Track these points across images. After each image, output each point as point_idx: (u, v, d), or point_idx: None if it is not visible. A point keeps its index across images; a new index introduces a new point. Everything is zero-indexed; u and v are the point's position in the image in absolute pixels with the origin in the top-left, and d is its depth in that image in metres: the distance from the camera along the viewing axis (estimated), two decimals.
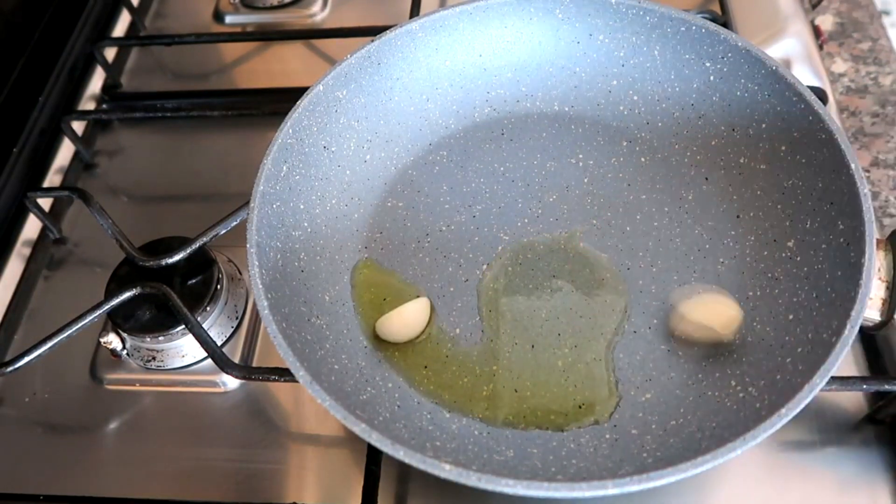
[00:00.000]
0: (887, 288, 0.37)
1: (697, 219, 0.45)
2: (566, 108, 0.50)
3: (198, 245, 0.45)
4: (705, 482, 0.40)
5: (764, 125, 0.43)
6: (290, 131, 0.42)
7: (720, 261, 0.43)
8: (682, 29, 0.45)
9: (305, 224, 0.43)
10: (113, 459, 0.44)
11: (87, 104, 0.64)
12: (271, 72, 0.64)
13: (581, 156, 0.49)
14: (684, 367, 0.40)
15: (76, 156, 0.60)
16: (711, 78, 0.45)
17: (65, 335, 0.43)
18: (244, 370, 0.41)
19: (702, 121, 0.47)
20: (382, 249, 0.46)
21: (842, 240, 0.37)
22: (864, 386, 0.39)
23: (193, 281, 0.47)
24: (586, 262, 0.44)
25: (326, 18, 0.68)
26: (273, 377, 0.40)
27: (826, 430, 0.41)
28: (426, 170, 0.49)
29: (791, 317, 0.38)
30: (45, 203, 0.56)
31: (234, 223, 0.45)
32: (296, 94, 0.44)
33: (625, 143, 0.49)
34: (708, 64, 0.45)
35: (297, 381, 0.33)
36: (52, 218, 0.55)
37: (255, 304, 0.47)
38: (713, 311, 0.40)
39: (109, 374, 0.47)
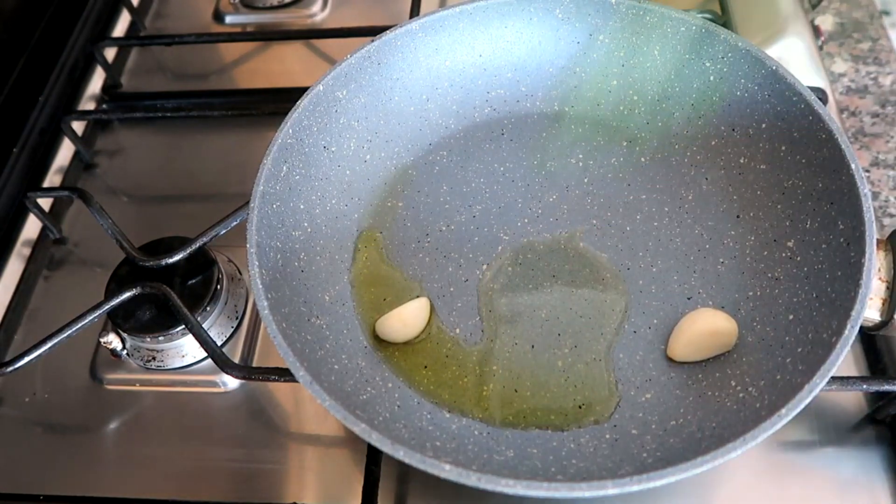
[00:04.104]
0: (887, 288, 0.37)
1: (697, 219, 0.45)
2: (566, 108, 0.50)
3: (198, 245, 0.45)
4: (705, 482, 0.40)
5: (764, 125, 0.43)
6: (290, 131, 0.42)
7: (720, 261, 0.43)
8: (682, 29, 0.45)
9: (305, 224, 0.43)
10: (113, 459, 0.44)
11: (87, 104, 0.64)
12: (271, 72, 0.64)
13: (581, 156, 0.49)
14: (684, 367, 0.40)
15: (76, 156, 0.60)
16: (711, 78, 0.45)
17: (65, 335, 0.43)
18: (244, 370, 0.41)
19: (702, 121, 0.47)
20: (382, 249, 0.46)
21: (842, 240, 0.37)
22: (864, 386, 0.39)
23: (193, 281, 0.47)
24: (586, 261, 0.44)
25: (326, 18, 0.68)
26: (273, 377, 0.40)
27: (826, 430, 0.41)
28: (426, 170, 0.49)
29: (791, 317, 0.38)
30: (45, 203, 0.56)
31: (234, 223, 0.45)
32: (296, 94, 0.44)
33: (625, 143, 0.49)
34: (708, 64, 0.45)
35: (297, 381, 0.33)
36: (52, 218, 0.55)
37: (255, 304, 0.47)
38: (709, 332, 0.39)
39: (109, 374, 0.47)
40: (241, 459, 0.43)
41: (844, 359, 0.32)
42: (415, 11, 0.62)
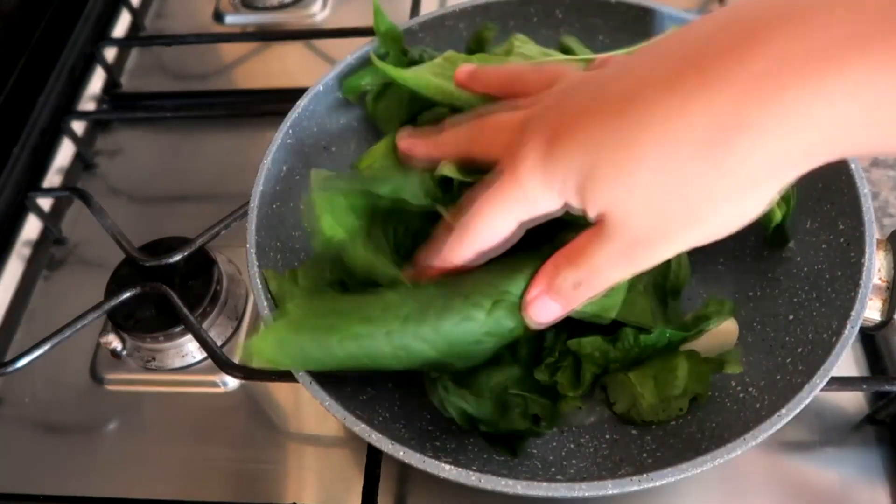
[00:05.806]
0: (887, 288, 0.37)
1: None
2: None
3: (198, 245, 0.45)
4: (705, 482, 0.40)
5: None
6: (290, 131, 0.42)
7: (720, 261, 0.43)
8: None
9: (305, 224, 0.43)
10: (113, 459, 0.44)
11: (87, 104, 0.64)
12: (271, 72, 0.64)
13: None
14: None
15: (76, 156, 0.60)
16: None
17: (65, 335, 0.43)
18: (244, 370, 0.41)
19: None
20: None
21: (842, 240, 0.37)
22: (864, 386, 0.39)
23: (193, 281, 0.47)
24: None
25: (326, 18, 0.68)
26: (273, 377, 0.40)
27: (826, 430, 0.41)
28: None
29: (791, 317, 0.38)
30: (46, 203, 0.56)
31: (234, 223, 0.45)
32: (296, 94, 0.44)
33: None
34: None
35: (297, 382, 0.33)
36: (52, 218, 0.55)
37: (255, 304, 0.47)
38: (709, 332, 0.39)
39: (109, 374, 0.47)
40: (241, 459, 0.43)
41: (844, 359, 0.32)
42: (415, 11, 0.62)
